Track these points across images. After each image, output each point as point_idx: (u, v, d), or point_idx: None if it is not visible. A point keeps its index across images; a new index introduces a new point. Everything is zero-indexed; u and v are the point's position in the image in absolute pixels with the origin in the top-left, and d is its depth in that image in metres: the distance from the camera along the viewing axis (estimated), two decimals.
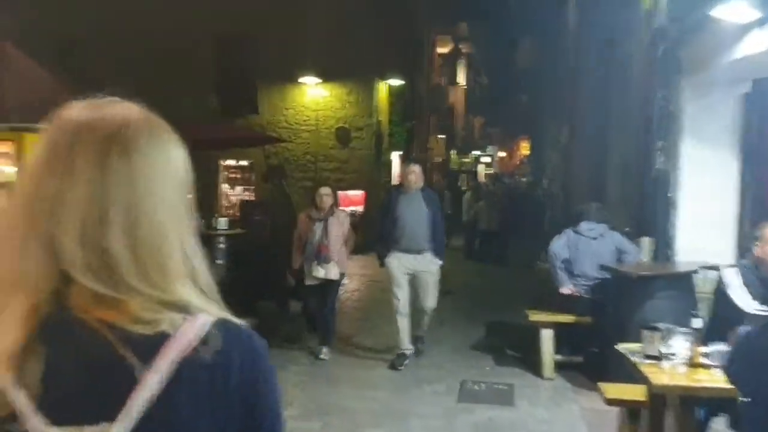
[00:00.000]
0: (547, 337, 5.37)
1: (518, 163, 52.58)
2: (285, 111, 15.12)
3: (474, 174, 40.03)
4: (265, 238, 7.41)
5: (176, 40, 13.94)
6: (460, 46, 36.28)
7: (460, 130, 38.35)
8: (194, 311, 0.81)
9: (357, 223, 14.69)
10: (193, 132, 9.39)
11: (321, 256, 6.11)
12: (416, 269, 6.16)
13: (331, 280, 6.27)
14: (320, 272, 6.16)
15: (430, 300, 6.22)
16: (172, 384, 0.76)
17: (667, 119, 5.44)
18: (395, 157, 17.63)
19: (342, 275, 6.47)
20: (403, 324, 6.18)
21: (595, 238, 5.57)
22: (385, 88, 15.64)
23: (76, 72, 12.99)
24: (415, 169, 6.22)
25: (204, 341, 0.79)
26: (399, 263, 6.12)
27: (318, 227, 6.21)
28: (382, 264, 6.24)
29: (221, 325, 0.82)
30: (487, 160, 50.66)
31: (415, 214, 6.04)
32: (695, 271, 4.67)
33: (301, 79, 14.69)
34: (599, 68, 9.15)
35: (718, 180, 5.21)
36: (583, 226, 5.68)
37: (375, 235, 5.95)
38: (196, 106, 13.90)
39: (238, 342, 0.83)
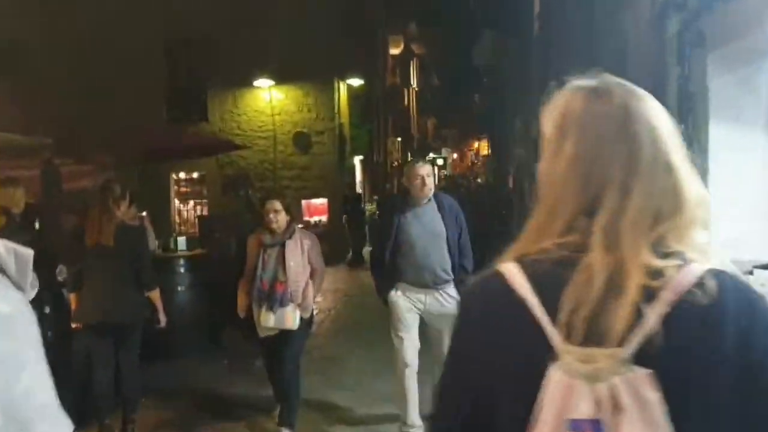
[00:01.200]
0: None
1: (470, 164, 52.65)
2: (238, 117, 14.14)
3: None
4: (230, 258, 6.47)
5: (125, 44, 12.88)
6: (412, 46, 35.89)
7: (414, 132, 37.88)
8: (690, 260, 0.90)
9: (321, 234, 13.88)
10: (146, 141, 8.36)
11: (275, 298, 4.33)
12: (430, 311, 4.41)
13: (290, 331, 4.42)
14: (270, 320, 4.36)
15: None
16: (668, 320, 0.86)
17: (688, 101, 4.81)
18: (358, 161, 16.84)
19: (308, 322, 4.64)
20: (411, 386, 4.39)
21: None
22: (344, 88, 14.84)
23: (22, 76, 11.93)
24: (425, 170, 4.37)
25: (698, 286, 0.87)
26: (406, 301, 4.44)
27: (271, 256, 4.44)
28: (385, 302, 4.52)
29: (716, 274, 0.89)
30: (441, 162, 50.55)
31: (428, 234, 4.36)
32: (750, 272, 4.02)
33: (255, 83, 13.74)
34: (581, 53, 8.57)
35: (753, 165, 4.60)
36: None
37: (344, 248, 5.01)
38: (145, 113, 12.85)
39: (735, 291, 0.89)
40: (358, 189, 16.48)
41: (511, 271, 0.94)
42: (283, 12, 13.38)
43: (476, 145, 49.99)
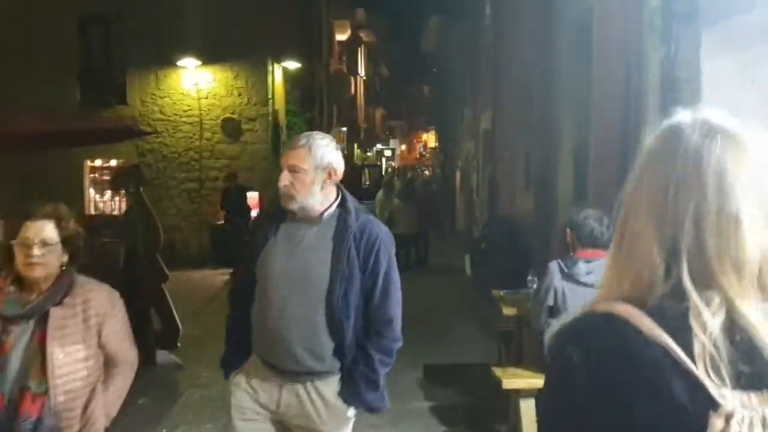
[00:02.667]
0: (528, 410, 3.66)
1: (419, 156, 52.01)
2: (160, 100, 12.72)
3: (378, 168, 38.70)
4: (118, 268, 5.27)
5: (33, 19, 11.37)
6: (360, 34, 34.72)
7: (361, 122, 36.78)
8: None
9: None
10: (40, 123, 6.96)
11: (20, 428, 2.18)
12: (287, 416, 2.48)
13: None
14: None
15: None
16: None
17: (673, 89, 3.92)
18: None
19: None
20: None
21: (593, 286, 3.17)
22: (280, 72, 13.59)
23: None
24: (294, 158, 2.42)
25: None
26: (250, 395, 2.49)
27: (18, 341, 2.24)
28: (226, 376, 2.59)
29: None
30: (389, 153, 49.71)
31: (298, 278, 2.40)
32: None
33: (179, 62, 12.35)
34: (538, 35, 7.69)
35: None
36: (581, 267, 3.41)
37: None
38: (57, 94, 11.38)
39: None
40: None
41: (634, 314, 0.86)
42: None
43: (424, 136, 49.29)
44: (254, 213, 12.42)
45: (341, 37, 28.08)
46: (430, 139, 42.38)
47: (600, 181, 5.61)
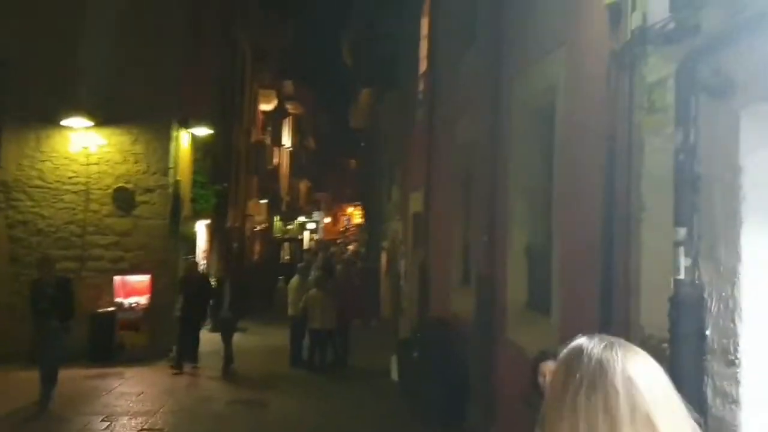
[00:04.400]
0: None
1: (343, 229, 50.82)
2: (40, 163, 10.85)
3: (299, 242, 37.03)
4: None
5: None
6: (287, 105, 33.86)
7: (284, 194, 35.32)
8: None
9: (139, 320, 10.73)
10: None
11: None
12: None
13: None
14: None
15: None
16: None
17: (693, 189, 2.76)
18: (202, 227, 13.90)
19: None
20: None
21: None
22: (188, 138, 12.07)
23: None
24: None
25: None
26: None
27: None
28: None
29: None
30: (312, 226, 48.31)
31: None
32: None
33: (65, 122, 10.63)
34: (482, 114, 6.64)
35: None
36: None
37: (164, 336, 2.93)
38: None
39: None
40: (200, 260, 13.47)
41: None
42: (109, 38, 10.57)
43: (350, 210, 48.28)
44: (139, 300, 10.52)
45: (267, 107, 26.95)
46: (355, 214, 41.33)
47: (569, 295, 4.38)
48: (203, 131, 12.12)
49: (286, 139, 35.72)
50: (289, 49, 30.10)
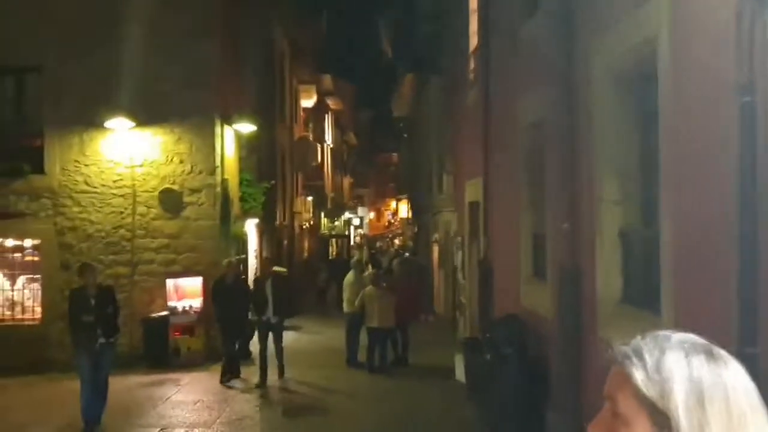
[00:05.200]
0: None
1: (387, 224, 50.36)
2: (85, 168, 10.64)
3: (346, 238, 36.75)
4: None
5: None
6: (327, 101, 33.51)
7: (329, 191, 35.04)
8: None
9: (193, 324, 10.41)
10: None
11: None
12: None
13: None
14: None
15: None
16: None
17: None
18: (251, 226, 13.56)
19: None
20: None
21: None
22: (232, 136, 11.70)
23: None
24: None
25: None
26: None
27: None
28: None
29: None
30: (357, 222, 48.10)
31: None
32: None
33: (107, 123, 10.38)
34: (552, 86, 5.97)
35: None
36: None
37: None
38: None
39: None
40: (252, 261, 13.13)
41: None
42: (146, 37, 10.25)
43: (393, 204, 47.78)
44: (192, 303, 10.20)
45: (307, 103, 26.62)
46: (399, 208, 40.78)
47: (686, 288, 3.70)
48: (247, 127, 11.72)
49: (328, 136, 35.41)
50: (325, 43, 29.69)
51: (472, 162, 10.49)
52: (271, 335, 9.02)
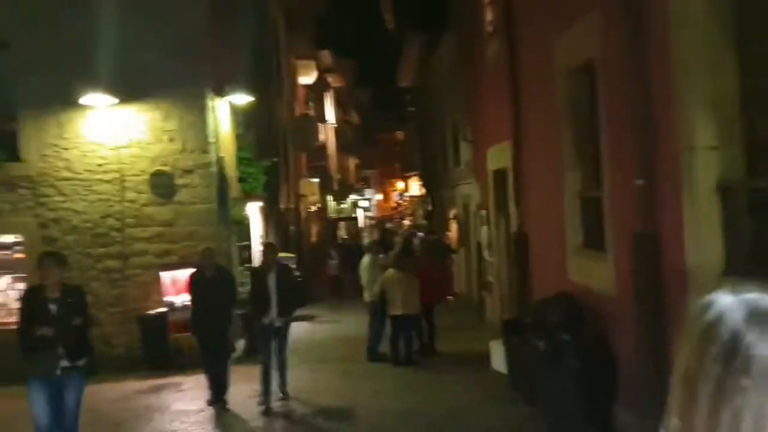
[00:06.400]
0: None
1: (396, 205, 49.24)
2: (66, 152, 9.57)
3: (354, 221, 35.71)
4: None
5: None
6: (327, 78, 32.21)
7: (334, 172, 33.87)
8: None
9: (189, 322, 9.31)
10: None
11: None
12: None
13: None
14: None
15: None
16: None
17: None
18: (254, 210, 12.49)
19: None
20: None
21: None
22: (227, 109, 10.58)
23: None
24: None
25: None
26: None
27: None
28: None
29: None
30: (365, 204, 47.08)
31: None
32: None
33: (84, 100, 9.29)
34: (597, 22, 4.84)
35: None
36: None
37: None
38: None
39: None
40: (257, 246, 12.07)
41: None
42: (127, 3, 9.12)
43: (399, 184, 46.63)
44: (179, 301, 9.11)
45: (307, 79, 25.37)
46: (408, 185, 39.61)
47: None
48: (243, 98, 10.59)
49: (330, 114, 34.18)
50: (323, 16, 28.35)
51: (496, 125, 9.36)
52: (275, 344, 7.00)
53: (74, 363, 4.81)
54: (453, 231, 15.05)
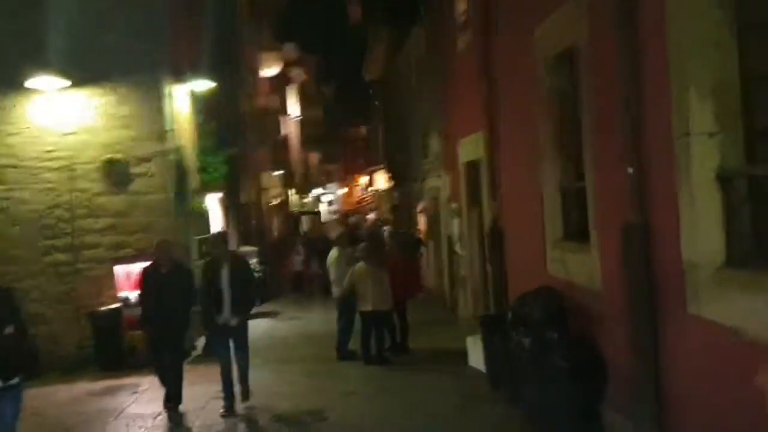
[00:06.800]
0: None
1: (359, 200, 48.88)
2: (9, 137, 8.93)
3: (317, 215, 35.21)
4: None
5: None
6: (291, 71, 31.58)
7: (296, 166, 33.29)
8: None
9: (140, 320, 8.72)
10: None
11: None
12: None
13: None
14: None
15: None
16: None
17: None
18: (214, 202, 11.96)
19: None
20: None
21: None
22: (186, 96, 10.05)
23: None
24: None
25: None
26: None
27: None
28: None
29: None
30: (329, 198, 46.61)
31: None
32: None
33: (30, 83, 8.66)
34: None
35: None
36: None
37: None
38: None
39: None
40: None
41: None
42: None
43: (362, 179, 46.27)
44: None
45: (270, 71, 24.75)
46: (374, 179, 39.31)
47: None
48: (203, 85, 10.07)
49: (293, 108, 33.55)
50: (289, 9, 27.76)
51: (469, 117, 9.10)
52: (231, 343, 6.48)
53: (7, 383, 4.09)
54: (421, 224, 14.79)
